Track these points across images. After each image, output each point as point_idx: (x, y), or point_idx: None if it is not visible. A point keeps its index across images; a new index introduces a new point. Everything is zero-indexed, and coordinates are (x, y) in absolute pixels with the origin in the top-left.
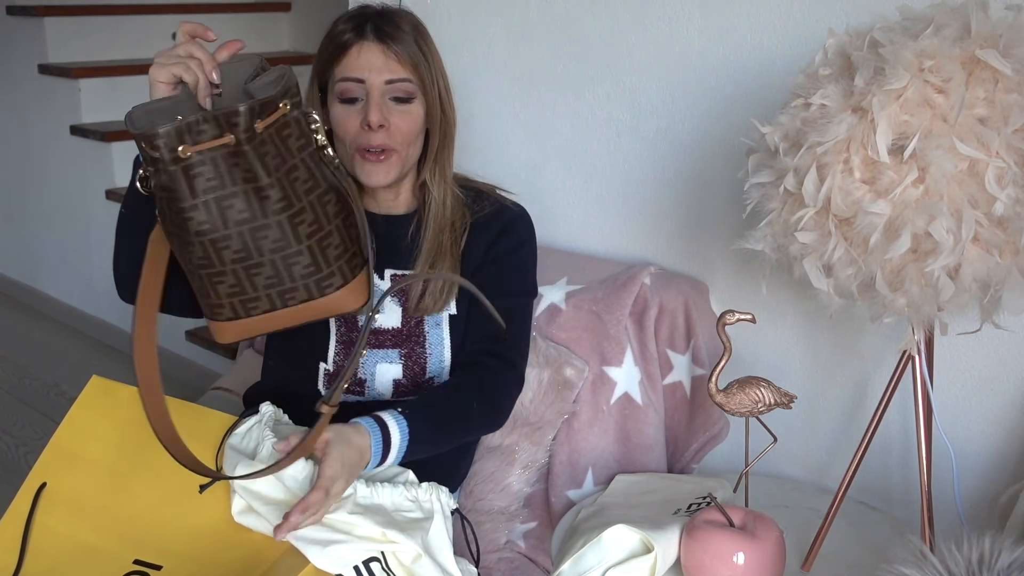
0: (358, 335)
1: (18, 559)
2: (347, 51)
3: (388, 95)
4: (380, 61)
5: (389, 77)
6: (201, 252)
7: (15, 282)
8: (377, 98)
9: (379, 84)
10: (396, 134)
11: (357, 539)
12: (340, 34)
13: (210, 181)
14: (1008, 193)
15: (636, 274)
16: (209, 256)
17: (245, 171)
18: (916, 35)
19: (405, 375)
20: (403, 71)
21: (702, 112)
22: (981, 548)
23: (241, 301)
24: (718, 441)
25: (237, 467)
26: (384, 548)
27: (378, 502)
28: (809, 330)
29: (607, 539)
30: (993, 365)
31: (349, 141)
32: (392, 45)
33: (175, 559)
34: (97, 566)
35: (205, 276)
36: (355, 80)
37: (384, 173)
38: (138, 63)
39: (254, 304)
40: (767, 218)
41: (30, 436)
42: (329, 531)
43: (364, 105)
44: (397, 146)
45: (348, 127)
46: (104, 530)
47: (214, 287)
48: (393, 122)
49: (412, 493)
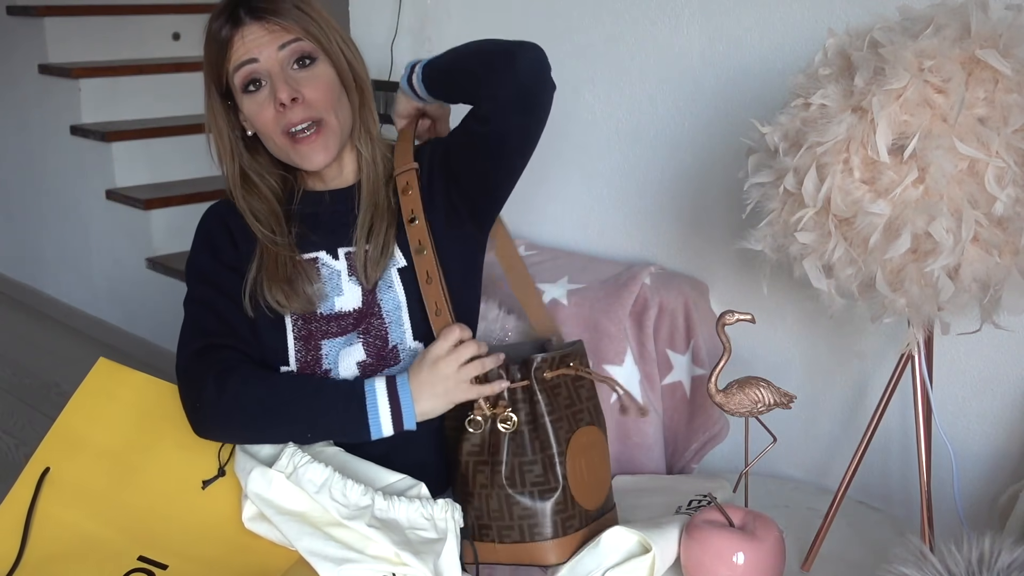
0: (316, 326)
1: (20, 547)
2: (231, 43)
3: (288, 63)
4: (266, 36)
5: (280, 43)
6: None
7: (15, 282)
8: (278, 72)
9: (273, 55)
10: (313, 103)
11: (371, 559)
12: (217, 31)
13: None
14: (1008, 193)
15: (636, 274)
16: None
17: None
18: (916, 35)
19: (368, 354)
20: (289, 34)
21: (702, 112)
22: (981, 548)
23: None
24: (718, 441)
25: (252, 473)
26: (396, 570)
27: (394, 516)
28: (809, 330)
29: (605, 542)
30: (993, 365)
31: (271, 129)
32: (270, 18)
33: (182, 559)
34: (101, 558)
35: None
36: (249, 61)
37: (322, 150)
38: (138, 63)
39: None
40: (767, 218)
41: (30, 436)
42: (343, 548)
43: (270, 87)
44: (322, 114)
45: (264, 116)
46: (108, 521)
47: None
48: (305, 92)
49: (428, 511)
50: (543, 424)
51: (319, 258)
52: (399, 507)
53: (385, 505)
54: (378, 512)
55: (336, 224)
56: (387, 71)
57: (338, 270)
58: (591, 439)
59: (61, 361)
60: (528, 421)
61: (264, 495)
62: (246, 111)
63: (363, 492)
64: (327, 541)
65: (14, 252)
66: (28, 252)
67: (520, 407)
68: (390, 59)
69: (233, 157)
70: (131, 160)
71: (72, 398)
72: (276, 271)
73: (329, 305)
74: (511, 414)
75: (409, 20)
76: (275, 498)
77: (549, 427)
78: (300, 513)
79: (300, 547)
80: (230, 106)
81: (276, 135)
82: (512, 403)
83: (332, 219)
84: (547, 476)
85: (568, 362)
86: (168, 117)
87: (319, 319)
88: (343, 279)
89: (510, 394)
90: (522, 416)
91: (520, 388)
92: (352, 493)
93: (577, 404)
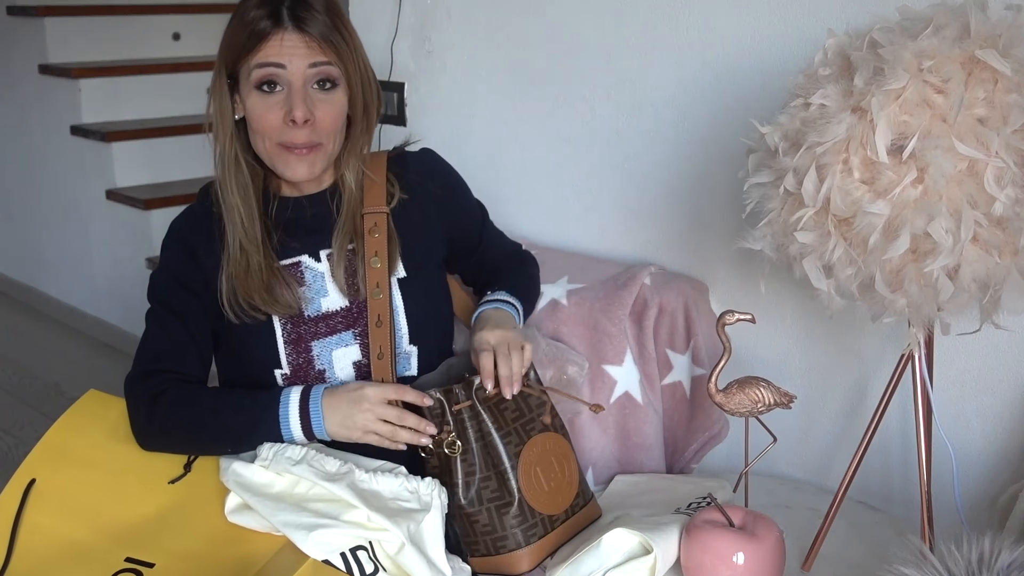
0: (305, 328)
1: (6, 556)
2: (265, 39)
3: (311, 81)
4: (302, 48)
5: (312, 60)
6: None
7: (15, 282)
8: (300, 88)
9: (301, 70)
10: (321, 128)
11: (344, 524)
12: (255, 21)
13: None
14: (1007, 193)
15: (636, 274)
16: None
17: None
18: (916, 35)
19: (364, 355)
20: (325, 56)
21: (702, 112)
22: (981, 548)
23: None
24: (718, 441)
25: (232, 465)
26: (371, 537)
27: (376, 488)
28: (809, 330)
29: (606, 543)
30: (993, 365)
31: (269, 133)
32: (312, 31)
33: (168, 556)
34: (87, 563)
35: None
36: (275, 65)
37: (308, 167)
38: (138, 63)
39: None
40: (767, 218)
41: (30, 436)
42: (316, 516)
43: (286, 97)
44: (323, 139)
45: (268, 119)
46: (95, 528)
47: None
48: (318, 116)
49: (413, 485)
50: (492, 441)
51: (301, 262)
52: (382, 480)
53: (367, 477)
54: (359, 483)
55: (315, 227)
56: (387, 71)
57: (321, 272)
58: (546, 446)
59: (61, 361)
60: (478, 439)
61: (246, 483)
62: (249, 105)
63: (342, 464)
64: (301, 512)
65: (14, 252)
66: (28, 252)
67: (468, 426)
68: (390, 59)
69: (232, 139)
70: (131, 160)
71: (60, 418)
72: (248, 279)
73: (315, 307)
74: (455, 439)
75: (409, 20)
76: (256, 484)
77: (498, 443)
78: (278, 495)
79: (276, 521)
80: (229, 86)
81: (270, 140)
82: (459, 425)
83: (311, 222)
84: (502, 491)
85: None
86: (168, 117)
87: (307, 321)
88: (327, 280)
89: (456, 416)
90: (471, 435)
91: (465, 408)
92: (330, 465)
93: (527, 415)
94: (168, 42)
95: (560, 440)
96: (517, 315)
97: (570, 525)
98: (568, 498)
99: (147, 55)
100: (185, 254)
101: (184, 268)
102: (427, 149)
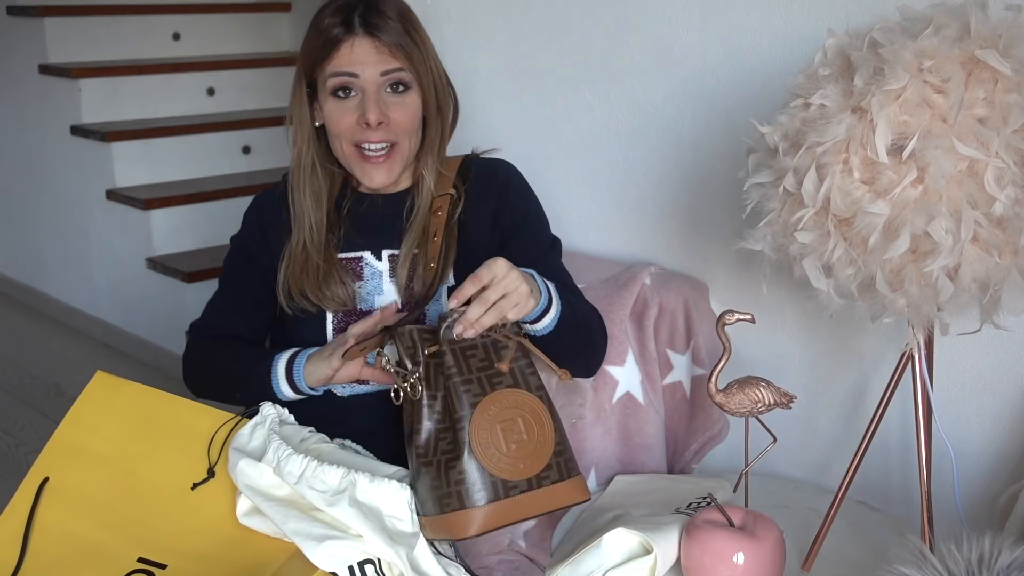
0: (355, 320)
1: (19, 555)
2: (337, 47)
3: (384, 86)
4: (373, 56)
5: (383, 68)
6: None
7: (15, 282)
8: (373, 93)
9: (374, 77)
10: (396, 128)
11: (353, 537)
12: (328, 29)
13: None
14: (1007, 193)
15: (636, 274)
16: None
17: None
18: (916, 35)
19: None
20: (396, 62)
21: (702, 112)
22: (981, 548)
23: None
24: (718, 441)
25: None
26: (377, 554)
27: (374, 501)
28: (809, 330)
29: (606, 543)
30: (993, 365)
31: (346, 137)
32: (383, 38)
33: (180, 558)
34: (100, 563)
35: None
36: (348, 74)
37: (386, 173)
38: (138, 63)
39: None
40: (767, 218)
41: (30, 436)
42: (326, 528)
43: (360, 101)
44: (398, 138)
45: (343, 122)
46: (107, 527)
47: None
48: (392, 117)
49: (411, 499)
50: (453, 386)
51: (363, 258)
52: (384, 488)
53: (369, 487)
54: (359, 495)
55: (384, 227)
56: None
57: (380, 271)
58: (512, 403)
59: (61, 361)
60: (443, 386)
61: (254, 484)
62: (326, 111)
63: (343, 475)
64: (312, 522)
65: (14, 252)
66: (28, 252)
67: (436, 372)
68: None
69: (310, 145)
70: (131, 160)
71: (70, 410)
72: (305, 275)
73: (369, 303)
74: (416, 382)
75: None
76: (264, 487)
77: (458, 389)
78: (288, 499)
79: (287, 529)
80: (308, 94)
81: (347, 143)
82: (427, 369)
83: (382, 222)
84: (453, 443)
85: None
86: (168, 117)
87: (359, 314)
88: (384, 279)
89: (426, 360)
90: (440, 382)
91: (434, 352)
92: (330, 477)
93: (494, 366)
94: (168, 42)
95: (534, 401)
96: (544, 292)
97: (536, 498)
98: (535, 466)
99: (147, 55)
100: (259, 230)
101: (255, 244)
102: (504, 162)
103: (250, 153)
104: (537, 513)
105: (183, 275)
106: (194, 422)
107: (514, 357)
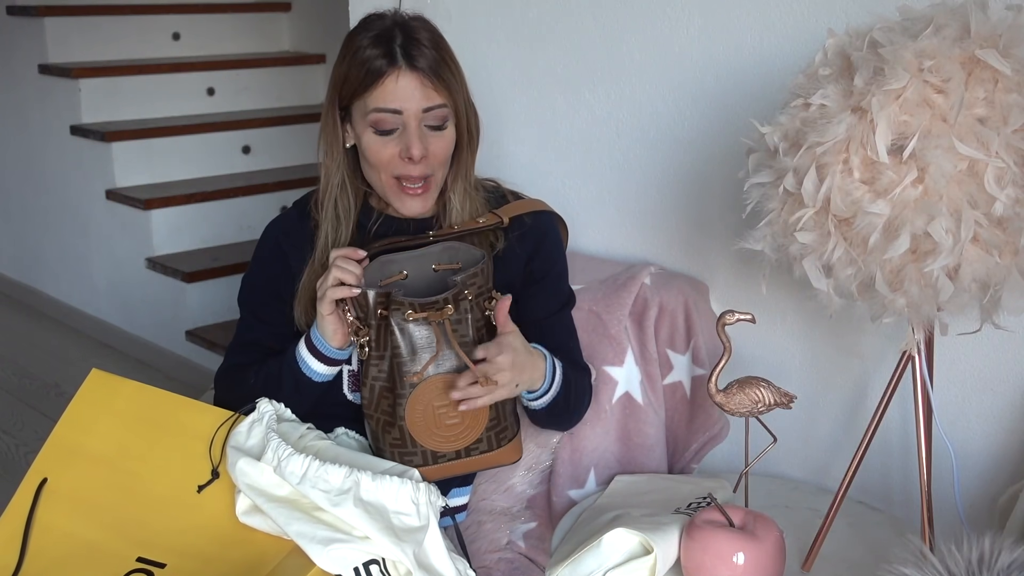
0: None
1: (19, 556)
2: (381, 81)
3: (425, 122)
4: (417, 91)
5: (427, 105)
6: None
7: (15, 282)
8: (415, 128)
9: (417, 113)
10: (434, 161)
11: (358, 539)
12: (369, 60)
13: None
14: (1007, 193)
15: (636, 274)
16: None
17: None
18: (916, 35)
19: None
20: (439, 97)
21: (702, 112)
22: (981, 548)
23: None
24: (718, 441)
25: (240, 464)
26: (383, 554)
27: (380, 498)
28: (809, 330)
29: (606, 543)
30: (993, 365)
31: (384, 167)
32: (427, 73)
33: (179, 557)
34: (99, 563)
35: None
36: (392, 111)
37: (422, 203)
38: (138, 63)
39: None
40: (767, 218)
41: (30, 436)
42: (331, 530)
43: (401, 136)
44: (435, 170)
45: (384, 154)
46: (106, 527)
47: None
48: (431, 150)
49: (414, 494)
50: (398, 362)
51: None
52: (387, 486)
53: (373, 486)
54: (364, 494)
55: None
56: None
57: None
58: (451, 384)
59: (61, 361)
60: (388, 351)
61: (255, 484)
62: (364, 142)
63: (347, 474)
64: (316, 524)
65: (14, 252)
66: (28, 252)
67: (384, 335)
68: None
69: (340, 166)
70: (131, 160)
71: (67, 410)
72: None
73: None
74: (366, 344)
75: None
76: (265, 486)
77: (398, 368)
78: (290, 500)
79: (290, 531)
80: (340, 116)
81: (386, 175)
82: (378, 332)
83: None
84: (391, 412)
85: (433, 307)
86: (168, 117)
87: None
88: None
89: (378, 324)
90: (388, 347)
91: (384, 315)
92: (333, 477)
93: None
94: (168, 42)
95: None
96: (550, 372)
97: (464, 464)
98: (465, 442)
99: (147, 55)
100: (278, 262)
101: (276, 276)
102: (548, 214)
103: (250, 153)
104: (463, 472)
105: (183, 275)
106: (191, 419)
107: (461, 342)
